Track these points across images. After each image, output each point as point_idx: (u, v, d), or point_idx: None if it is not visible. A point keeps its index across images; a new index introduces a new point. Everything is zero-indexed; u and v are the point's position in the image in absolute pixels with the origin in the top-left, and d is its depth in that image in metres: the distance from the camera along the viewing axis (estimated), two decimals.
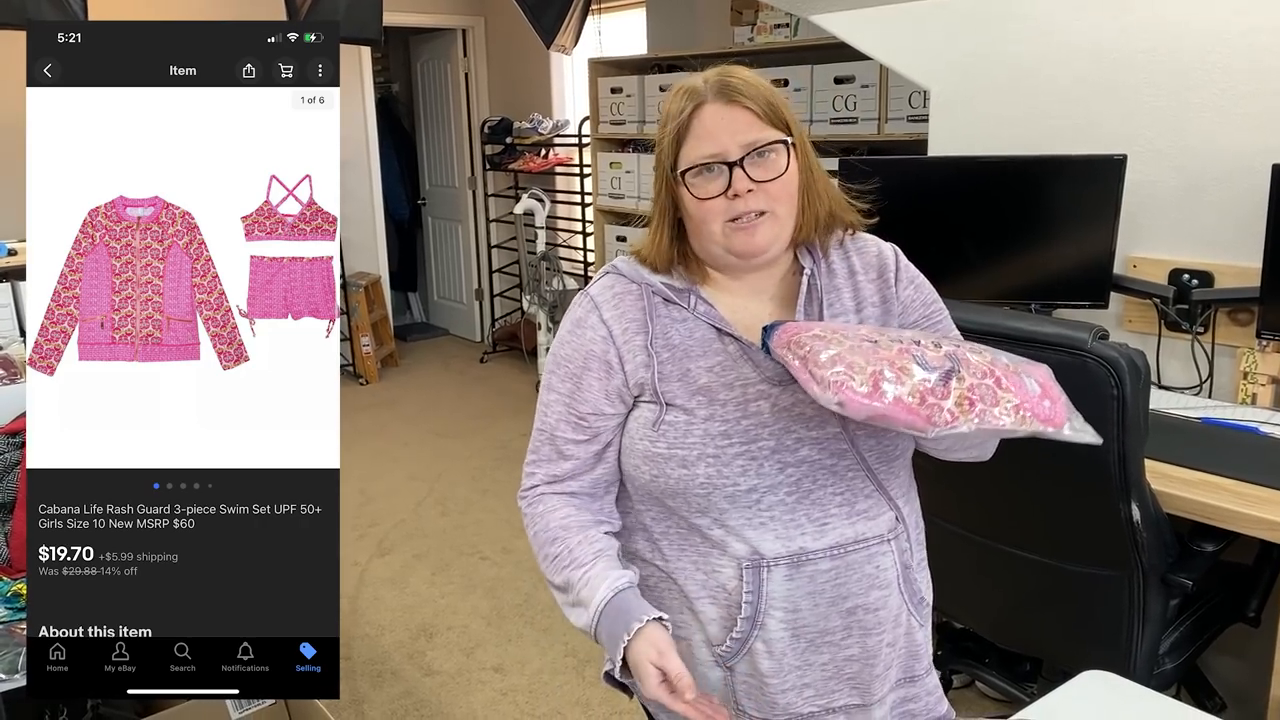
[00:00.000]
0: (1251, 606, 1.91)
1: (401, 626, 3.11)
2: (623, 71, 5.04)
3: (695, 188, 1.17)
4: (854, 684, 1.24)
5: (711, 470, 1.17)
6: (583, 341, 1.25)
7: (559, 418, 1.26)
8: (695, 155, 1.17)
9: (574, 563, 1.21)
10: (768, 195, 1.17)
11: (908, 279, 1.29)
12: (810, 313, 1.24)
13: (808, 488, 1.19)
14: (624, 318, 1.23)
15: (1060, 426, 1.05)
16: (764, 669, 1.21)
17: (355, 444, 4.81)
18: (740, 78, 1.19)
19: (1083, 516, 1.73)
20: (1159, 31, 2.30)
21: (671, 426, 1.19)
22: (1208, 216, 2.30)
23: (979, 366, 1.03)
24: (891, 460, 1.23)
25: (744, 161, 1.15)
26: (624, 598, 1.17)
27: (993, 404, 1.01)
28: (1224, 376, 2.33)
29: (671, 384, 1.20)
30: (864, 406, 1.00)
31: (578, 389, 1.24)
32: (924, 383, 1.00)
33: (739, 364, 1.20)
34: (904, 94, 3.61)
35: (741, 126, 1.16)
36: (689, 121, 1.18)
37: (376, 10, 3.67)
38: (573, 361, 1.25)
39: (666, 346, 1.21)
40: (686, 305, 1.23)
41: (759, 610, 1.19)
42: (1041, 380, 1.07)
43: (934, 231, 2.46)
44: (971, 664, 2.27)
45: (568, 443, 1.26)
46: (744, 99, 1.17)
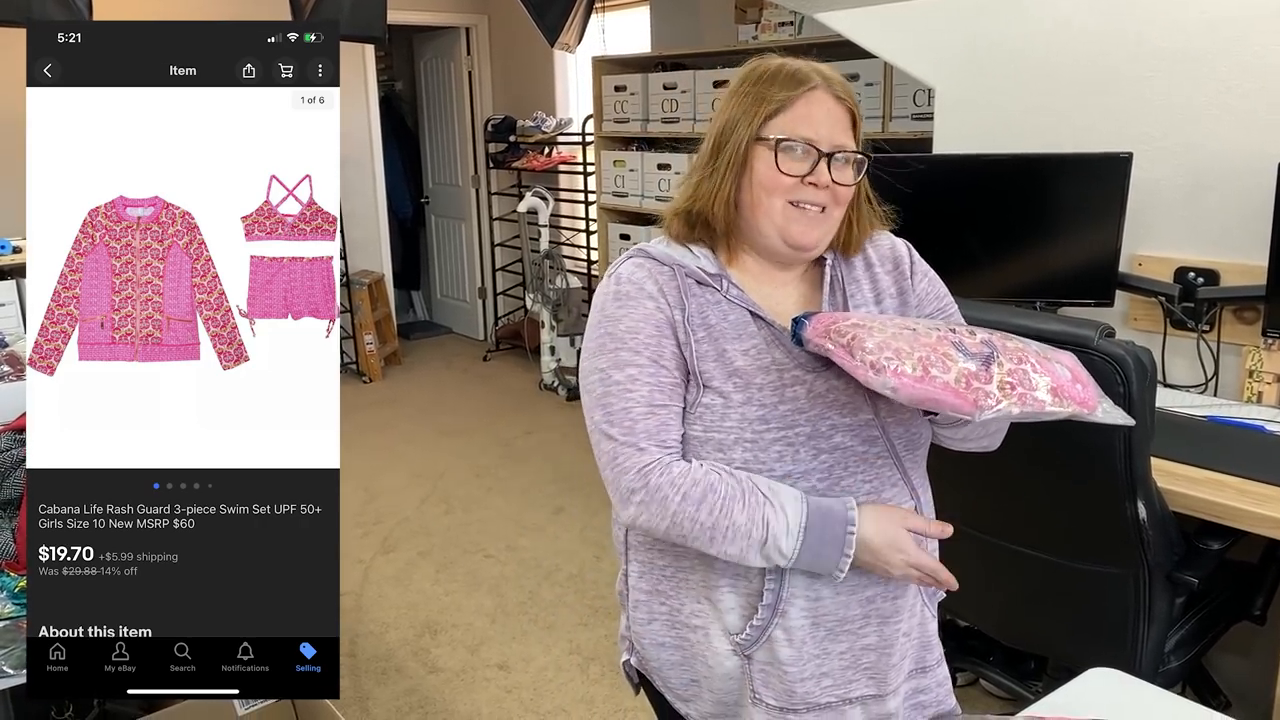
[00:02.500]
0: (1257, 604, 1.90)
1: (406, 624, 3.12)
2: (626, 69, 5.03)
3: (782, 160, 1.19)
4: (871, 674, 1.25)
5: (748, 455, 1.18)
6: (644, 310, 1.20)
7: (651, 388, 1.18)
8: (794, 132, 1.19)
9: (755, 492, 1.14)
10: (834, 197, 1.21)
11: (922, 273, 1.33)
12: (834, 303, 1.26)
13: (839, 475, 1.20)
14: (663, 292, 1.22)
15: (1094, 409, 1.07)
16: (783, 657, 1.22)
17: (359, 442, 4.82)
18: (844, 83, 1.23)
19: (1089, 514, 1.72)
20: (1165, 29, 2.29)
21: (708, 409, 1.19)
22: (1213, 215, 2.29)
23: (1014, 352, 1.07)
24: (916, 448, 1.26)
25: (832, 158, 1.19)
26: (817, 503, 1.15)
27: (1031, 388, 1.04)
28: (1229, 374, 2.32)
29: (708, 364, 1.20)
30: (916, 390, 1.03)
31: (661, 354, 1.20)
32: (967, 368, 1.04)
33: (772, 348, 1.21)
34: (909, 92, 3.60)
35: (841, 127, 1.21)
36: (799, 98, 1.20)
37: (380, 8, 3.67)
38: (641, 331, 1.20)
39: (703, 326, 1.21)
40: (719, 288, 1.23)
41: (781, 598, 1.20)
42: (1070, 365, 1.10)
43: (940, 229, 2.44)
44: (976, 662, 2.26)
45: (672, 413, 1.20)
46: (850, 103, 1.22)
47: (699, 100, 4.53)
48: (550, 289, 5.47)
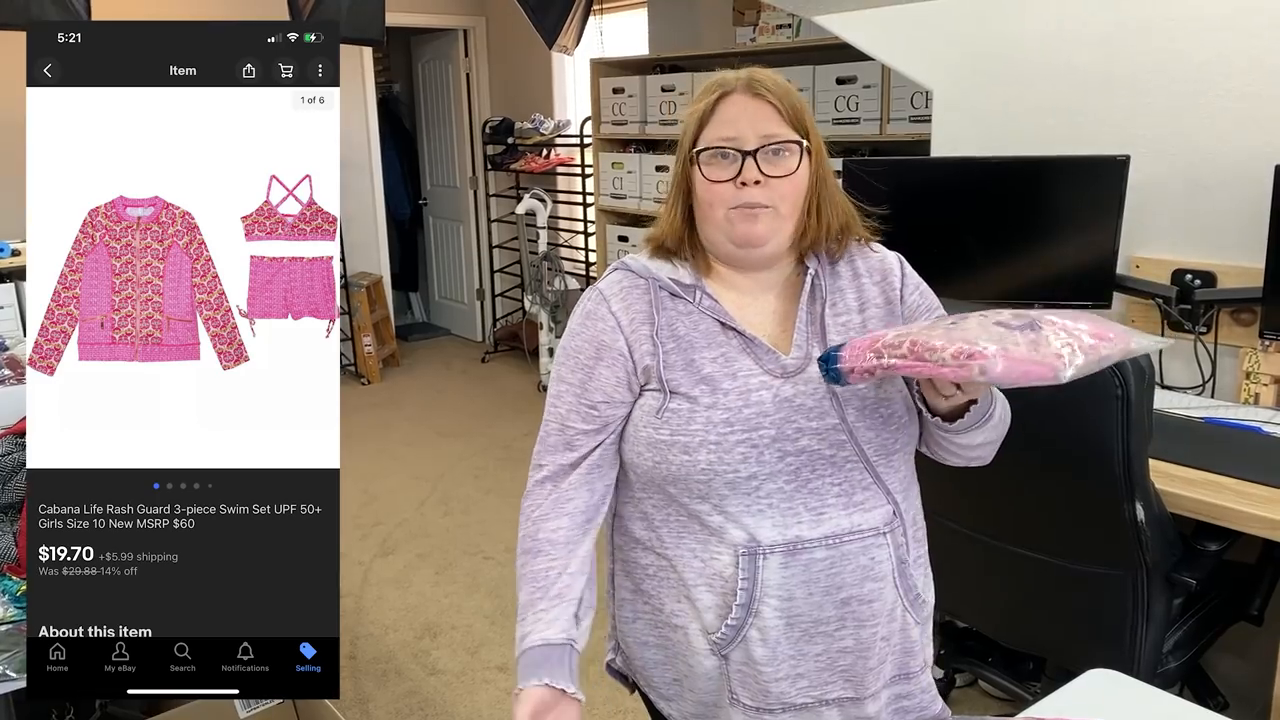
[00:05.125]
0: (1255, 605, 1.90)
1: (406, 626, 3.11)
2: (624, 72, 5.04)
3: (708, 170, 1.21)
4: (847, 676, 1.25)
5: (713, 457, 1.19)
6: (594, 332, 1.27)
7: (570, 408, 1.28)
8: (713, 138, 1.21)
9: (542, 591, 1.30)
10: (774, 192, 1.20)
11: (913, 285, 1.33)
12: (813, 311, 1.26)
13: (806, 476, 1.21)
14: (631, 309, 1.26)
15: (1129, 342, 1.05)
16: (758, 656, 1.23)
17: (357, 444, 4.82)
18: (769, 77, 1.24)
19: (1087, 516, 1.72)
20: (1162, 32, 2.30)
21: (675, 414, 1.21)
22: (1210, 217, 2.30)
23: (1046, 317, 1.05)
24: (890, 454, 1.25)
25: (758, 153, 1.19)
26: (545, 652, 1.22)
27: (1079, 336, 1.02)
28: (1227, 377, 2.32)
29: (676, 372, 1.23)
30: (1008, 368, 1.00)
31: (589, 378, 1.27)
32: (1030, 337, 1.02)
33: (741, 356, 1.23)
34: (906, 94, 3.61)
35: (762, 120, 1.20)
36: (714, 107, 1.22)
37: (378, 10, 3.67)
38: (583, 352, 1.28)
39: (672, 337, 1.24)
40: (692, 300, 1.26)
41: (754, 597, 1.21)
42: (1083, 316, 1.09)
43: (937, 232, 2.45)
44: (974, 663, 2.27)
45: (578, 434, 1.28)
46: (769, 94, 1.21)
47: None
48: (548, 290, 5.48)
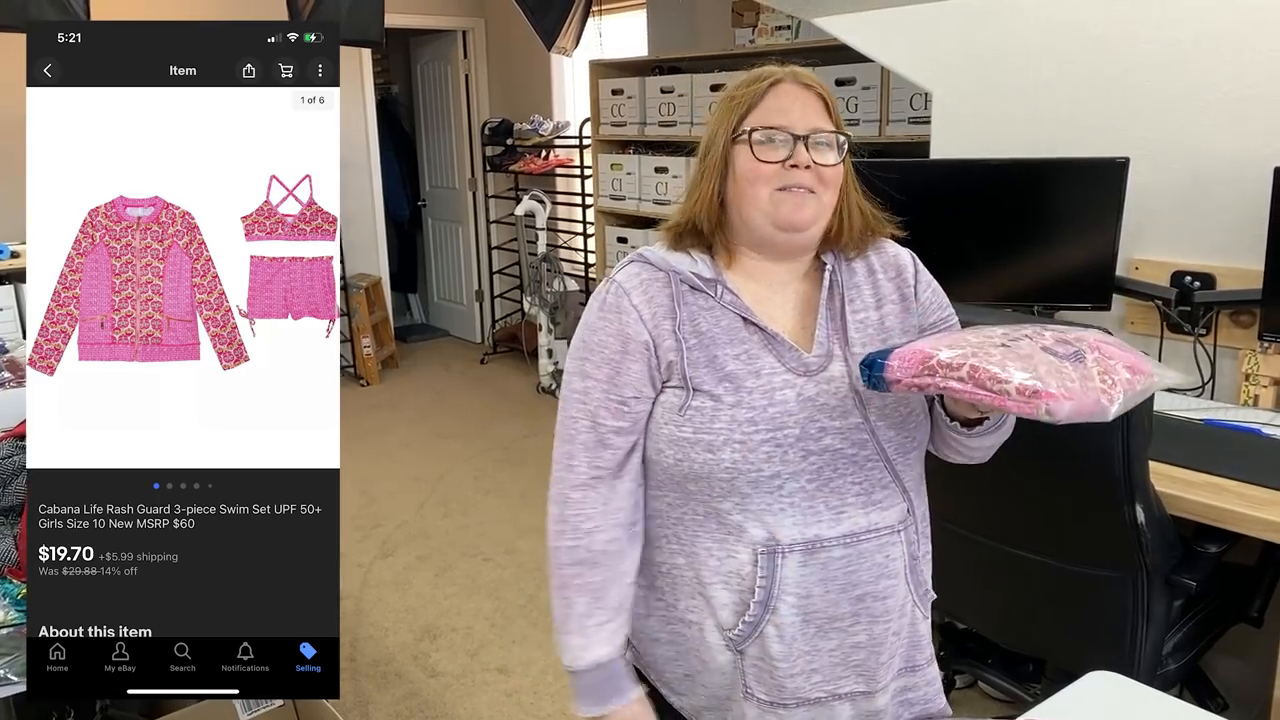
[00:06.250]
0: (1254, 607, 1.90)
1: (405, 628, 3.11)
2: (623, 73, 5.04)
3: (758, 150, 1.21)
4: (860, 671, 1.27)
5: (737, 455, 1.19)
6: (618, 325, 1.24)
7: (599, 404, 1.24)
8: (766, 122, 1.22)
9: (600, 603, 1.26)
10: (819, 178, 1.22)
11: (926, 282, 1.33)
12: (832, 308, 1.27)
13: (828, 476, 1.21)
14: (653, 303, 1.24)
15: (1150, 374, 1.05)
16: (774, 652, 1.23)
17: (357, 445, 4.81)
18: (811, 74, 1.27)
19: (1087, 518, 1.72)
20: (1162, 34, 2.30)
21: (698, 412, 1.21)
22: (1210, 219, 2.30)
23: (1086, 340, 1.04)
24: (907, 452, 1.26)
25: (809, 140, 1.21)
26: (618, 666, 1.26)
27: (1116, 371, 1.01)
28: (1226, 378, 2.32)
29: (699, 369, 1.22)
30: (1071, 412, 0.98)
31: (618, 372, 1.24)
32: (1081, 370, 1.01)
33: (764, 353, 1.23)
34: (905, 96, 3.61)
35: (814, 111, 1.23)
36: (764, 93, 1.23)
37: (378, 12, 3.68)
38: (609, 346, 1.24)
39: (694, 333, 1.23)
40: (713, 294, 1.24)
41: (772, 595, 1.21)
42: (1111, 342, 1.08)
43: (936, 234, 2.43)
44: (974, 664, 2.26)
45: (610, 431, 1.25)
46: (819, 89, 1.25)
47: (696, 104, 4.54)
48: (548, 292, 5.48)
